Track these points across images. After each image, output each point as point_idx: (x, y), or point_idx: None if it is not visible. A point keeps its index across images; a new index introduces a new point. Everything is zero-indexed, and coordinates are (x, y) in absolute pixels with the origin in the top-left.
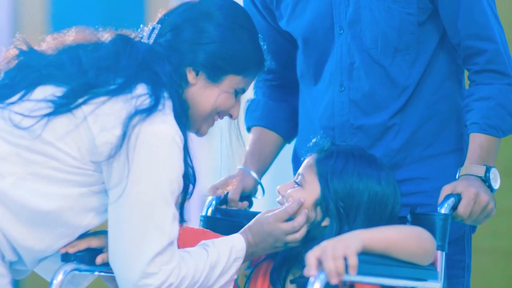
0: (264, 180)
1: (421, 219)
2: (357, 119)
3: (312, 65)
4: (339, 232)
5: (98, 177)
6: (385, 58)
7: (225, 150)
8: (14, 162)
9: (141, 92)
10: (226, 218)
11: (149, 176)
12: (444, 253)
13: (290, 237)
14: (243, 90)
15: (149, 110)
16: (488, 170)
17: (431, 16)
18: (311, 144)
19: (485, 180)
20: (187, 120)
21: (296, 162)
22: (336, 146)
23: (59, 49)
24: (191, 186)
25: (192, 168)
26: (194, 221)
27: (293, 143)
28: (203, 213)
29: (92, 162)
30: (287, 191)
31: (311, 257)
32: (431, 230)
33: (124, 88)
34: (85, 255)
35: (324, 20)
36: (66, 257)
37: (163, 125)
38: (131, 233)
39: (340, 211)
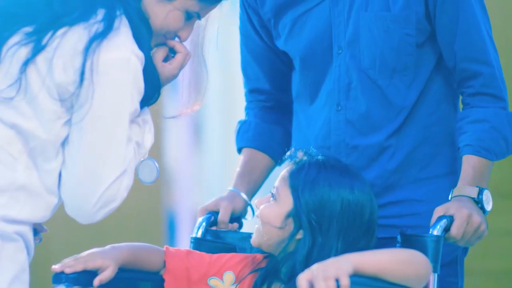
0: (254, 201)
1: (412, 240)
2: (352, 139)
3: (309, 84)
4: (313, 244)
5: None
6: (383, 78)
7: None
8: (15, 144)
9: (96, 18)
10: (216, 240)
11: (108, 102)
12: (436, 275)
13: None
14: (198, 15)
15: (103, 34)
16: (481, 191)
17: (429, 38)
18: (286, 156)
19: (478, 202)
20: (149, 30)
21: None
22: (310, 157)
23: None
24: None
25: (157, 76)
26: (185, 243)
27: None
28: (193, 235)
29: (65, 100)
30: (260, 207)
31: (302, 279)
32: (423, 252)
33: (82, 16)
34: (79, 277)
35: (323, 40)
36: (57, 279)
37: (117, 51)
38: (90, 157)
39: (312, 223)
